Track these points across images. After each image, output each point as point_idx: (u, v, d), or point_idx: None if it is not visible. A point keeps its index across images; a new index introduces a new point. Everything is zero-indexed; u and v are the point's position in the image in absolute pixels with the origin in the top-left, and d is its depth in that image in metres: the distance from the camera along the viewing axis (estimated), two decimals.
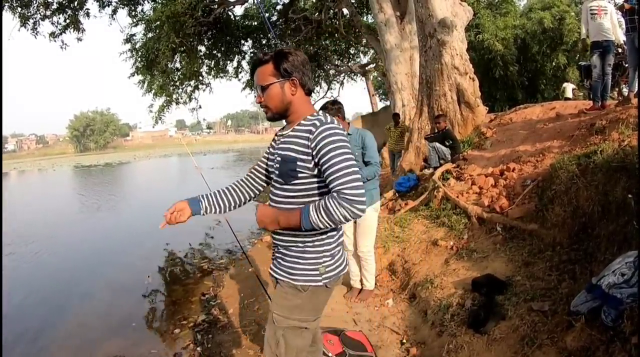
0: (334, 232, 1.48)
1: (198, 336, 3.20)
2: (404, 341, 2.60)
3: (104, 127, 68.40)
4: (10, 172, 28.41)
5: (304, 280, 1.45)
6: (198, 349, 3.00)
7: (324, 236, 1.44)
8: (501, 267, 2.75)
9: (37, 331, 3.74)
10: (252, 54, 15.01)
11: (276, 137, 1.52)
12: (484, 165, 4.48)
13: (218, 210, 1.62)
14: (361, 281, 3.11)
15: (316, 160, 1.33)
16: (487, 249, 3.07)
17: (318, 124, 1.35)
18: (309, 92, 1.48)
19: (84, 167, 26.05)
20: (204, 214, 1.60)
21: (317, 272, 1.44)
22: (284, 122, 1.51)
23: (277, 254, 1.54)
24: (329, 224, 1.29)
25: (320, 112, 1.46)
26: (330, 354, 2.17)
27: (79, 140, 68.23)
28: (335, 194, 1.26)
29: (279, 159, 1.41)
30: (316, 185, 1.39)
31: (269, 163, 1.54)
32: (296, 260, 1.46)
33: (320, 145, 1.31)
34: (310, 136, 1.33)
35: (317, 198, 1.39)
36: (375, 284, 3.19)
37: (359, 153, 2.85)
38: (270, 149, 1.53)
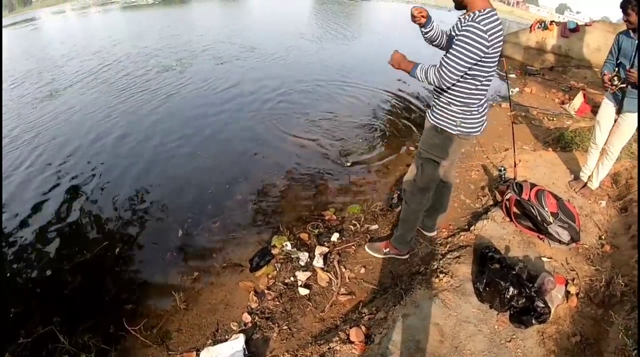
0: (476, 103, 1.87)
1: None
2: (603, 237, 2.73)
3: None
4: None
5: (444, 125, 1.95)
6: None
7: (468, 101, 1.85)
8: None
9: None
10: None
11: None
12: None
13: (436, 41, 2.00)
14: (590, 177, 3.11)
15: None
16: None
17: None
18: None
19: None
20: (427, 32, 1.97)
21: (454, 123, 1.92)
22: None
23: (433, 102, 2.04)
24: (423, 79, 1.80)
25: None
26: (546, 208, 2.48)
27: None
28: (438, 65, 1.75)
29: None
30: None
31: None
32: (444, 109, 1.94)
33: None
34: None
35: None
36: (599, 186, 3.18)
37: None
38: None
